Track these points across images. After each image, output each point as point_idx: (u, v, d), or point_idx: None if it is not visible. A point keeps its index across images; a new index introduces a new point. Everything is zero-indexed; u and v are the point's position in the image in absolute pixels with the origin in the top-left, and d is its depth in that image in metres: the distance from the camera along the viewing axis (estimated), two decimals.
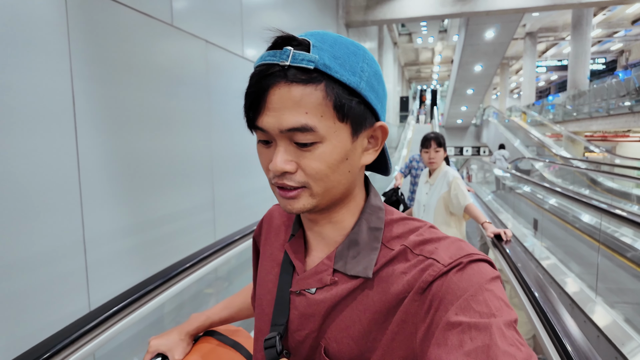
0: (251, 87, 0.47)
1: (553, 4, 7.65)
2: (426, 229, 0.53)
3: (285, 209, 0.51)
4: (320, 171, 0.48)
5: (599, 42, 22.45)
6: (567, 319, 1.27)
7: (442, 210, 2.49)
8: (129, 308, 1.42)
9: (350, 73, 0.47)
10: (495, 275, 0.45)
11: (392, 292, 0.49)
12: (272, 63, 0.46)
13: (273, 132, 0.47)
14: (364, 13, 8.15)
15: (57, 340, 1.10)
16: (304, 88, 0.45)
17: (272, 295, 0.60)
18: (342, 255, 0.53)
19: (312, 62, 0.45)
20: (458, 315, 0.41)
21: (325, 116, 0.46)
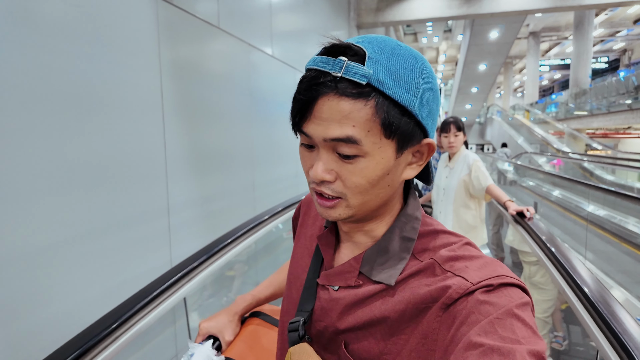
0: (300, 92, 0.47)
1: (554, 6, 8.06)
2: (460, 246, 0.51)
3: (322, 215, 0.51)
4: (360, 185, 0.47)
5: (601, 41, 22.73)
6: (599, 286, 1.24)
7: (462, 193, 2.51)
8: (201, 266, 1.69)
9: (404, 90, 0.46)
10: (525, 301, 0.42)
11: (414, 300, 0.47)
12: (324, 71, 0.45)
13: (317, 140, 0.47)
14: (375, 15, 8.58)
15: (150, 290, 1.29)
16: (354, 102, 0.44)
17: (300, 281, 0.62)
18: (369, 260, 0.53)
19: (365, 77, 0.44)
20: (480, 336, 0.39)
21: (372, 132, 0.45)
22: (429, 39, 21.20)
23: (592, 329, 1.09)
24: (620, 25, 19.42)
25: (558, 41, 23.21)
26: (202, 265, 1.79)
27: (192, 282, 1.67)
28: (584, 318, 1.17)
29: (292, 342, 0.55)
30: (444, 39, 21.66)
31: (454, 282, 0.45)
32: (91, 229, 1.79)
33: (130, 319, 1.14)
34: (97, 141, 1.82)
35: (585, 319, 1.15)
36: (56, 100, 1.61)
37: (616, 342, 0.95)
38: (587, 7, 8.32)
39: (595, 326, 1.08)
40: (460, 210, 2.52)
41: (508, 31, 11.33)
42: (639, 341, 0.90)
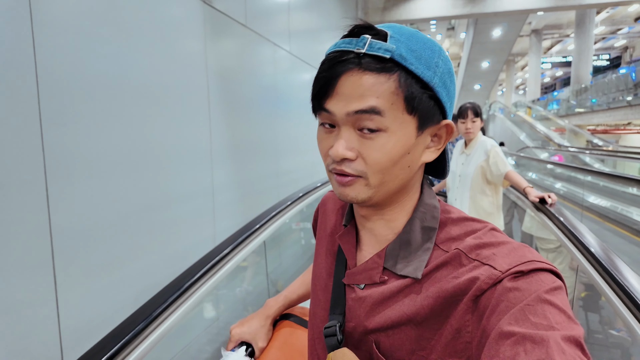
0: (322, 72, 0.47)
1: (556, 5, 8.34)
2: (486, 232, 0.49)
3: (340, 196, 0.50)
4: (381, 162, 0.47)
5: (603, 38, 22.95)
6: (623, 266, 1.24)
7: (480, 179, 2.45)
8: (241, 244, 1.91)
9: (425, 67, 0.46)
10: (557, 285, 0.40)
11: (442, 294, 0.46)
12: (346, 50, 0.46)
13: (339, 116, 0.47)
14: (381, 14, 8.88)
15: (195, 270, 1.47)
16: (378, 76, 0.45)
17: (325, 282, 0.61)
18: (392, 254, 0.52)
19: (388, 51, 0.45)
20: (512, 325, 0.37)
21: (395, 105, 0.46)
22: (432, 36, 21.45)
23: (626, 315, 1.05)
24: (622, 22, 19.65)
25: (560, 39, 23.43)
26: (245, 240, 2.07)
27: (238, 256, 1.88)
28: (614, 303, 1.13)
29: (330, 347, 0.53)
30: (447, 36, 21.91)
31: (482, 272, 0.43)
32: (155, 203, 2.12)
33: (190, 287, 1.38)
34: (158, 130, 2.14)
35: (617, 304, 1.12)
36: (129, 95, 1.93)
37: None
38: (587, 6, 8.60)
39: (629, 312, 1.05)
40: (477, 196, 2.47)
41: (510, 29, 11.62)
42: None
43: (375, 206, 0.53)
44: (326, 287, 0.61)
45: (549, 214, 2.01)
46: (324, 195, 0.73)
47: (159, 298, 1.27)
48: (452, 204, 2.56)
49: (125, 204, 1.90)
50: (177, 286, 1.35)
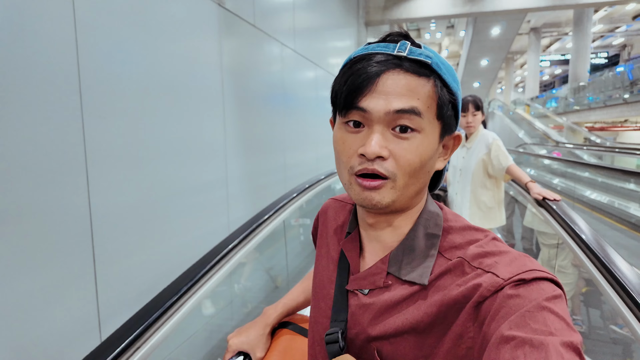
0: (358, 70, 0.48)
1: (553, 4, 8.51)
2: (488, 241, 0.50)
3: (363, 202, 0.50)
4: (413, 163, 0.48)
5: (601, 36, 23.10)
6: (622, 263, 1.25)
7: (481, 173, 2.43)
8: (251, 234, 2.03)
9: (452, 79, 0.50)
10: (557, 293, 0.42)
11: (447, 302, 0.47)
12: (384, 52, 0.48)
13: (376, 115, 0.47)
14: (382, 13, 9.04)
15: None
16: (419, 79, 0.47)
17: (327, 290, 0.61)
18: (396, 260, 0.53)
19: (429, 57, 0.48)
20: (512, 330, 0.38)
21: (430, 109, 0.48)
22: (432, 35, 21.60)
23: (625, 313, 1.06)
24: (620, 21, 19.79)
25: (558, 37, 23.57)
26: (259, 227, 2.19)
27: (251, 243, 1.99)
28: (614, 301, 1.14)
29: (331, 354, 0.53)
30: (447, 34, 22.04)
31: (484, 280, 0.45)
32: (177, 191, 2.29)
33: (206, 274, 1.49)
34: (180, 125, 2.31)
35: (617, 302, 1.12)
36: (155, 92, 2.10)
37: None
38: (584, 5, 8.76)
39: (628, 311, 1.05)
40: (478, 190, 2.45)
41: (509, 28, 11.78)
42: None
43: (389, 212, 0.53)
44: (328, 294, 0.61)
45: (550, 210, 1.98)
46: (324, 204, 0.72)
47: (174, 287, 1.35)
48: (453, 198, 2.59)
49: (153, 192, 2.07)
50: (193, 273, 1.47)
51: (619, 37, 22.94)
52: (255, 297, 2.91)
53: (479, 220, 2.46)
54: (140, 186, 1.99)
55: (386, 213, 0.53)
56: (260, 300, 3.09)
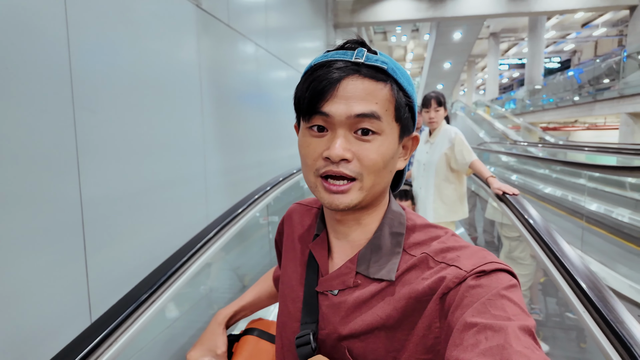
0: (319, 76, 0.50)
1: (508, 11, 9.10)
2: (448, 237, 0.54)
3: (332, 205, 0.52)
4: (377, 163, 0.50)
5: (554, 42, 24.55)
6: (574, 257, 1.31)
7: (444, 167, 2.48)
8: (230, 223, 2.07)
9: (407, 83, 0.53)
10: (513, 283, 0.46)
11: (414, 295, 0.50)
12: (343, 59, 0.51)
13: (338, 119, 0.49)
14: (350, 16, 9.32)
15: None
16: (376, 84, 0.50)
17: (296, 293, 0.62)
18: (364, 259, 0.55)
19: (385, 63, 0.51)
20: (474, 316, 0.42)
21: (388, 111, 0.51)
22: (398, 37, 22.22)
23: (577, 307, 1.11)
24: (570, 28, 21.15)
25: (516, 42, 24.85)
26: (232, 222, 2.13)
27: (228, 233, 2.02)
28: (566, 293, 1.19)
29: (302, 356, 0.55)
30: (412, 38, 22.74)
31: (448, 273, 0.48)
32: (160, 184, 2.40)
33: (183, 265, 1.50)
34: (163, 120, 2.42)
35: (569, 295, 1.17)
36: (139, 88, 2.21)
37: (598, 316, 0.98)
38: (535, 13, 9.41)
39: (581, 305, 1.10)
40: (441, 184, 2.51)
41: (470, 32, 12.40)
42: (621, 317, 0.93)
43: (355, 211, 0.55)
44: (297, 297, 0.61)
45: (509, 204, 2.06)
46: (289, 209, 0.73)
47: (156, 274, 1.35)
48: (417, 192, 2.67)
49: (138, 183, 2.18)
50: (172, 263, 1.48)
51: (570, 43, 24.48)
52: (221, 297, 2.96)
53: (444, 213, 2.51)
54: (126, 178, 2.09)
55: (355, 211, 0.55)
56: (227, 300, 3.10)
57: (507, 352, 0.37)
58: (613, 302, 1.00)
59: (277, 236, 0.76)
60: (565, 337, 2.62)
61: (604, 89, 10.61)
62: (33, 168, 1.57)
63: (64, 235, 1.71)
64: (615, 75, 9.98)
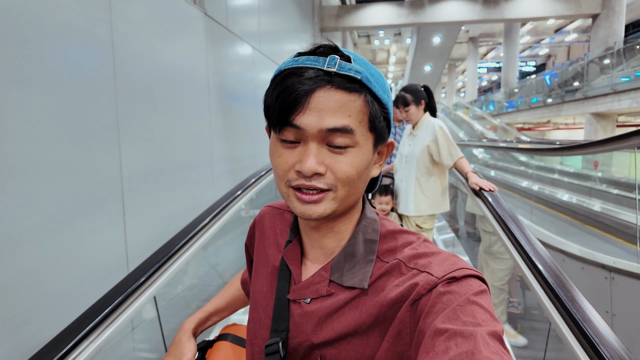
0: (289, 86, 0.47)
1: (482, 18, 9.75)
2: (420, 243, 0.54)
3: (304, 214, 0.51)
4: (351, 175, 0.49)
5: (530, 47, 25.63)
6: (545, 255, 1.32)
7: (426, 160, 2.46)
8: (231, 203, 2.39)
9: (382, 91, 0.51)
10: (483, 289, 0.46)
11: (386, 302, 0.50)
12: (314, 67, 0.48)
13: (310, 132, 0.48)
14: (336, 20, 9.82)
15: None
16: (349, 95, 0.48)
17: (267, 300, 0.61)
18: (338, 267, 0.55)
19: (358, 72, 0.48)
20: (445, 323, 0.42)
21: (362, 123, 0.49)
22: (381, 41, 22.88)
23: (545, 303, 1.13)
24: (544, 33, 22.18)
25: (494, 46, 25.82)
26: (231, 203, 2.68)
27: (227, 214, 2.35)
28: (537, 291, 1.21)
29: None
30: (394, 41, 23.42)
31: (420, 279, 0.48)
32: (178, 166, 2.82)
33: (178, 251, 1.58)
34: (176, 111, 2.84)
35: (539, 293, 1.19)
36: (162, 84, 2.63)
37: (564, 311, 1.01)
38: (507, 20, 10.09)
39: (549, 301, 1.12)
40: (422, 178, 2.49)
41: (448, 37, 13.06)
42: (588, 316, 0.94)
43: (333, 220, 0.55)
44: (268, 305, 0.60)
45: (485, 200, 2.07)
46: (260, 212, 0.72)
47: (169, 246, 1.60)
48: (399, 185, 2.67)
49: (160, 164, 2.60)
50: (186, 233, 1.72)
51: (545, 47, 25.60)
52: (200, 294, 3.05)
53: (426, 207, 2.50)
54: (151, 159, 2.51)
55: (333, 219, 0.55)
56: (205, 298, 3.09)
57: (477, 357, 0.38)
58: (580, 299, 1.03)
59: (247, 240, 0.74)
60: (543, 329, 2.61)
61: (571, 91, 11.40)
62: (87, 147, 1.97)
63: (107, 204, 2.11)
64: (581, 79, 10.77)
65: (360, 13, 9.93)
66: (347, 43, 15.71)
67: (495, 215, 1.85)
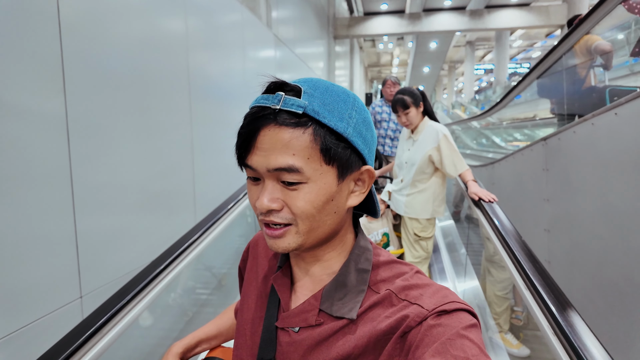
0: (243, 127, 0.50)
1: (469, 27, 11.71)
2: (412, 274, 0.54)
3: (272, 248, 0.52)
4: (306, 210, 0.49)
5: (524, 50, 27.45)
6: (543, 270, 1.29)
7: (426, 166, 2.34)
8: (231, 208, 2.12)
9: (338, 119, 0.49)
10: (473, 323, 0.46)
11: (376, 333, 0.50)
12: (264, 106, 0.48)
13: (261, 171, 0.49)
14: (347, 29, 11.79)
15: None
16: (293, 131, 0.47)
17: (255, 326, 0.61)
18: (328, 296, 0.54)
19: (301, 107, 0.47)
20: (435, 357, 0.42)
21: (311, 159, 0.48)
22: (385, 45, 24.76)
23: (549, 334, 1.07)
24: (535, 38, 23.98)
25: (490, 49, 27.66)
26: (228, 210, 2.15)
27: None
28: (532, 307, 1.17)
29: None
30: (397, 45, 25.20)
31: (411, 311, 0.48)
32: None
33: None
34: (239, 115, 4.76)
35: (534, 308, 1.15)
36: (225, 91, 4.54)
37: (560, 331, 0.99)
38: (490, 29, 12.06)
39: (549, 327, 1.08)
40: (420, 183, 2.38)
41: (443, 43, 15.07)
42: (583, 341, 0.92)
43: (308, 250, 0.56)
44: (256, 331, 0.61)
45: (483, 211, 2.02)
46: (255, 236, 0.73)
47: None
48: (394, 189, 2.57)
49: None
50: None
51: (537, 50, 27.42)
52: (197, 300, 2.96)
53: (420, 210, 2.39)
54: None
55: (309, 251, 0.56)
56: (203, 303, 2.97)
57: None
58: (576, 320, 1.00)
59: (241, 263, 0.74)
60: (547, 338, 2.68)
61: None
62: (167, 142, 2.69)
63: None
64: None
65: (367, 23, 11.91)
66: (354, 47, 17.68)
67: (493, 227, 1.81)
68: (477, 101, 24.10)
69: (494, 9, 11.74)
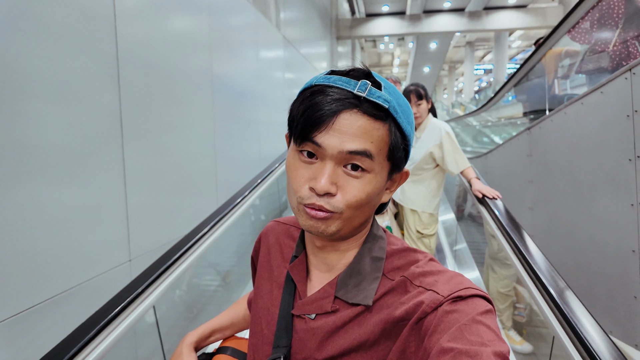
0: (316, 104, 0.48)
1: (468, 28, 12.05)
2: (426, 262, 0.55)
3: (310, 229, 0.52)
4: (360, 200, 0.50)
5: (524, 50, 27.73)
6: (545, 263, 1.33)
7: (425, 162, 2.36)
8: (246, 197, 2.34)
9: (407, 122, 0.52)
10: (489, 308, 0.46)
11: (391, 319, 0.50)
12: (344, 89, 0.49)
13: (330, 152, 0.48)
14: (349, 30, 12.15)
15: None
16: (374, 122, 0.48)
17: (270, 315, 0.62)
18: (344, 283, 0.55)
19: (387, 102, 0.49)
20: (450, 342, 0.42)
21: (381, 151, 0.50)
22: (386, 45, 25.04)
23: (552, 321, 1.13)
24: (534, 38, 24.22)
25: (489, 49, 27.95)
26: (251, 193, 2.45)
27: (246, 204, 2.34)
28: (536, 298, 1.23)
29: None
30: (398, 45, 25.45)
31: (426, 297, 0.49)
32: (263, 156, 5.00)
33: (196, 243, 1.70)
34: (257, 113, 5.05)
35: (544, 309, 1.19)
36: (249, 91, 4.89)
37: (563, 319, 1.04)
38: (487, 30, 12.40)
39: (555, 318, 1.12)
40: (419, 180, 2.41)
41: (442, 43, 15.42)
42: (586, 331, 0.97)
43: (336, 240, 0.56)
44: (271, 320, 0.61)
45: (488, 208, 2.03)
46: (266, 226, 0.74)
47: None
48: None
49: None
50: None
51: None
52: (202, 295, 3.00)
53: (418, 201, 2.41)
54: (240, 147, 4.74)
55: (337, 240, 0.57)
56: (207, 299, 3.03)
57: None
58: (577, 310, 1.05)
59: (253, 253, 0.75)
60: (549, 333, 2.78)
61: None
62: (195, 133, 3.07)
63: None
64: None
65: (368, 24, 12.27)
66: (356, 47, 18.02)
67: (498, 223, 1.82)
68: (476, 101, 24.36)
69: (492, 10, 12.11)
